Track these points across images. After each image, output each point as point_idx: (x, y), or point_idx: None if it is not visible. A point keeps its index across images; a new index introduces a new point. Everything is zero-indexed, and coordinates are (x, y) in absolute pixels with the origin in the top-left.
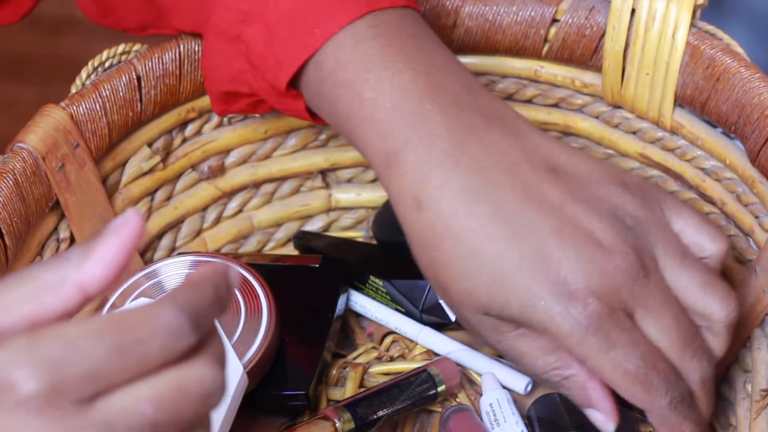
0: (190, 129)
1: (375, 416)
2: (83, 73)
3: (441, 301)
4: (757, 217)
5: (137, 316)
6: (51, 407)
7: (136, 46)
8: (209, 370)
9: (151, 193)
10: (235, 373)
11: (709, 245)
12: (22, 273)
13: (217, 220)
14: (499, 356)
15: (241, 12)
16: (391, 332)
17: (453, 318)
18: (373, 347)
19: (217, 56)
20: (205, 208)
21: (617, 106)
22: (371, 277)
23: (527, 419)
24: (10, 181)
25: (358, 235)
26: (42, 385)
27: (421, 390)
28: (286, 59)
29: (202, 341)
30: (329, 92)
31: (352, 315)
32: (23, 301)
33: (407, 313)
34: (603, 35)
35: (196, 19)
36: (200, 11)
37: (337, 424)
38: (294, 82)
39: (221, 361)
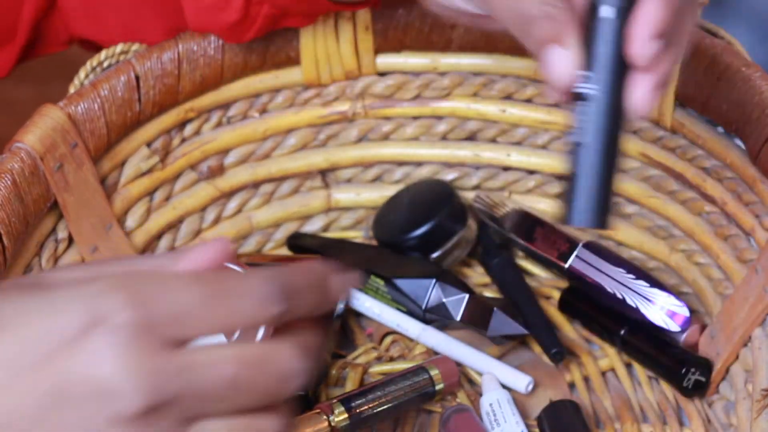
0: (189, 129)
1: (370, 412)
2: (81, 73)
3: (444, 301)
4: (757, 217)
5: (230, 275)
6: (139, 341)
7: (135, 46)
8: (295, 355)
9: (150, 193)
10: None
11: None
12: (117, 258)
13: (216, 221)
14: (500, 357)
15: None
16: (391, 332)
17: (457, 317)
18: (373, 347)
19: None
20: (204, 208)
21: None
22: (372, 277)
23: (538, 424)
24: (8, 181)
25: (358, 235)
26: (133, 317)
27: (418, 387)
28: None
29: (293, 327)
30: None
31: (352, 315)
32: (114, 270)
33: (409, 313)
34: None
35: None
36: None
37: (331, 419)
38: None
39: (308, 354)
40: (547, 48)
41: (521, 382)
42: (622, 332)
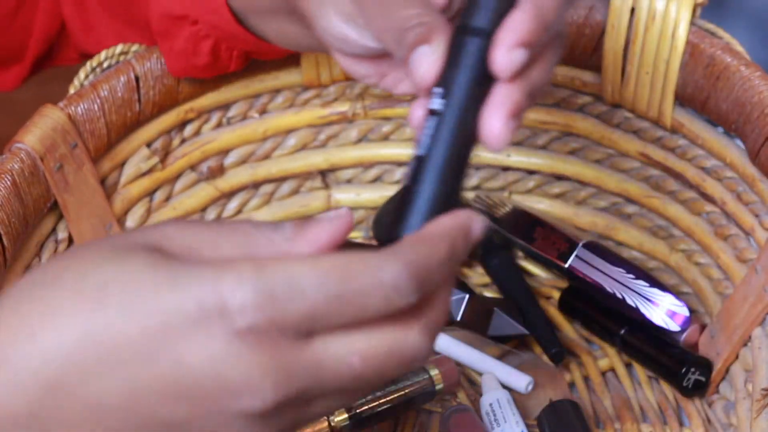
0: (189, 129)
1: (370, 411)
2: (81, 74)
3: None
4: (757, 216)
5: (361, 266)
6: (265, 341)
7: (134, 47)
8: (422, 340)
9: (150, 193)
10: None
11: None
12: (236, 226)
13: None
14: (500, 357)
15: None
16: None
17: (457, 317)
18: None
19: None
20: (204, 209)
21: (617, 106)
22: None
23: (538, 424)
24: (8, 182)
25: (358, 235)
26: (261, 319)
27: (418, 387)
28: None
29: (424, 301)
30: None
31: None
32: (229, 246)
33: None
34: (603, 34)
35: None
36: None
37: (331, 419)
38: None
39: (437, 329)
40: (416, 49)
41: (521, 382)
42: (622, 332)
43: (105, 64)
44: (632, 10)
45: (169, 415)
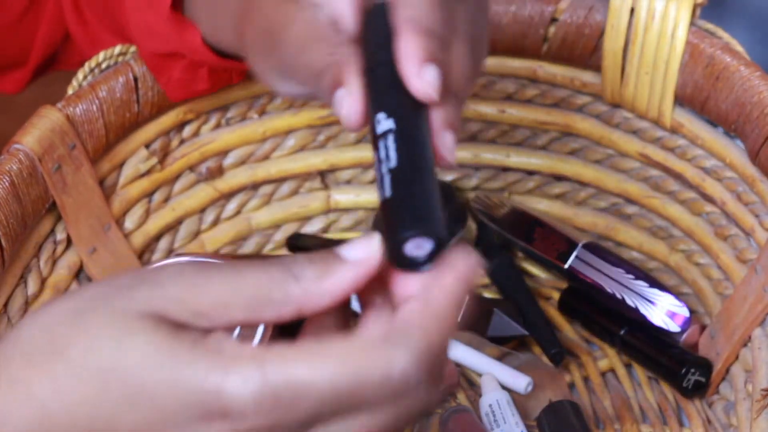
0: (188, 130)
1: None
2: (80, 75)
3: None
4: (757, 216)
5: (370, 364)
6: None
7: (133, 48)
8: (428, 396)
9: (149, 194)
10: None
11: None
12: (243, 270)
13: (216, 222)
14: (500, 358)
15: None
16: None
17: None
18: None
19: (133, 11)
20: (203, 210)
21: (617, 106)
22: None
23: (538, 424)
24: (6, 183)
25: (358, 236)
26: (263, 423)
27: None
28: None
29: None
30: None
31: (352, 316)
32: (241, 306)
33: None
34: (602, 34)
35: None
36: None
37: None
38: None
39: (441, 380)
40: (335, 92)
41: (521, 382)
42: (622, 333)
43: (103, 65)
44: (632, 11)
45: None
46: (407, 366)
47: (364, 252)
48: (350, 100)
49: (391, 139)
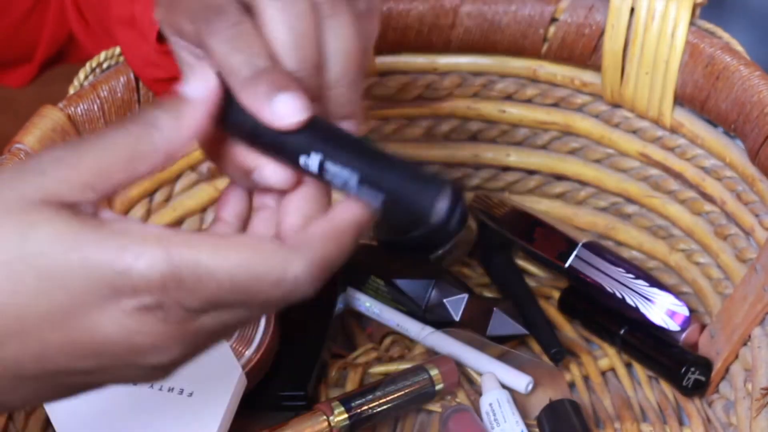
0: None
1: (369, 411)
2: (81, 74)
3: (444, 301)
4: (757, 216)
5: (268, 262)
6: (170, 315)
7: None
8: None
9: (150, 194)
10: (233, 374)
11: None
12: (111, 136)
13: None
14: (500, 357)
15: None
16: (391, 332)
17: (457, 317)
18: (373, 347)
19: (127, 45)
20: (204, 209)
21: (617, 105)
22: (372, 277)
23: (538, 424)
24: None
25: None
26: (167, 299)
27: (418, 387)
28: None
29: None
30: None
31: (351, 315)
32: (118, 169)
33: (409, 313)
34: (602, 34)
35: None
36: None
37: (331, 419)
38: None
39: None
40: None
41: (521, 381)
42: (622, 332)
43: (105, 65)
44: (632, 10)
45: (82, 367)
46: (300, 273)
47: (204, 85)
48: (271, 174)
49: (330, 164)
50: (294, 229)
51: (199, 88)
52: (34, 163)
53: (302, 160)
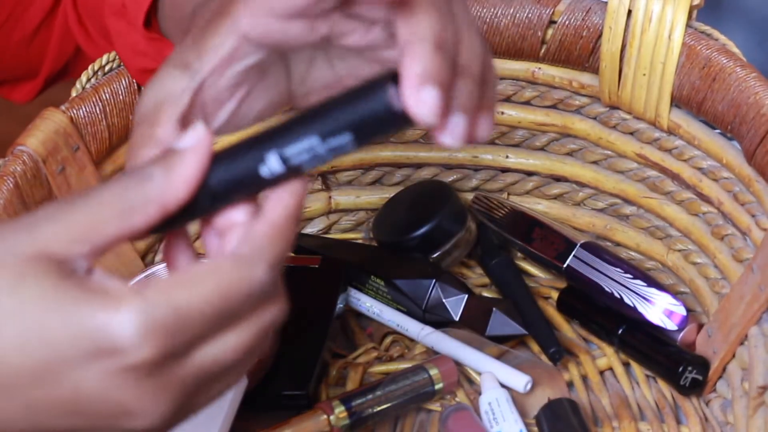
0: None
1: (370, 411)
2: (83, 77)
3: (443, 301)
4: (753, 216)
5: (236, 278)
6: (155, 370)
7: None
8: (281, 304)
9: None
10: None
11: None
12: (104, 191)
13: None
14: (499, 357)
15: None
16: (391, 332)
17: (456, 317)
18: (373, 347)
19: (118, 34)
20: None
21: (614, 107)
22: (372, 277)
23: (537, 423)
24: (11, 184)
25: (358, 236)
26: (149, 353)
27: (418, 387)
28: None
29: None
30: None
31: (352, 315)
32: (111, 221)
33: (409, 313)
34: (600, 36)
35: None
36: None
37: (331, 418)
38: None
39: (282, 287)
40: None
41: (520, 381)
42: (620, 331)
43: (106, 68)
44: (629, 13)
45: (70, 424)
46: (264, 276)
47: (196, 138)
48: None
49: (288, 149)
50: (239, 242)
51: (191, 140)
52: (29, 219)
53: (263, 170)
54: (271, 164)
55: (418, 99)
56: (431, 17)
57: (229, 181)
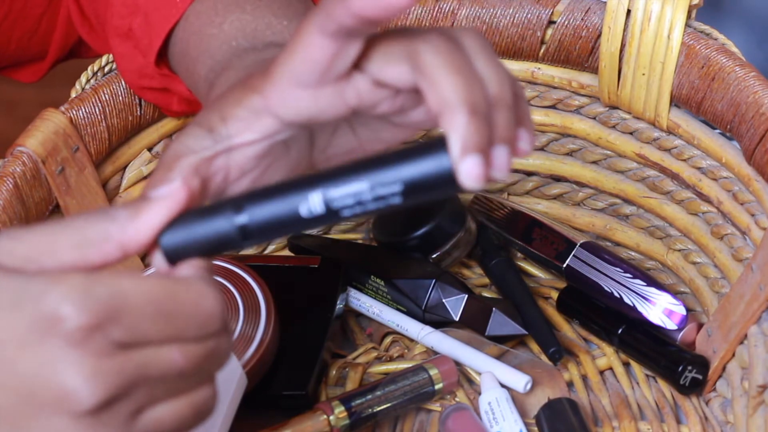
0: None
1: (369, 411)
2: (83, 78)
3: (443, 301)
4: (753, 215)
5: (187, 292)
6: (90, 342)
7: None
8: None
9: None
10: (234, 373)
11: None
12: (68, 222)
13: None
14: (499, 357)
15: (127, 6)
16: (391, 332)
17: (456, 317)
18: (373, 347)
19: (122, 56)
20: None
21: (614, 107)
22: (372, 277)
23: (537, 422)
24: (10, 185)
25: (358, 237)
26: (87, 321)
27: (417, 387)
28: (155, 33)
29: None
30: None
31: (352, 315)
32: (67, 250)
33: (409, 313)
34: (599, 36)
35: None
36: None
37: (331, 418)
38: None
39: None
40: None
41: (520, 381)
42: (620, 331)
43: (106, 69)
44: (628, 12)
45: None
46: (215, 304)
47: (169, 190)
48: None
49: (333, 191)
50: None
51: (164, 192)
52: None
53: (303, 209)
54: (313, 204)
55: (464, 169)
56: (451, 75)
57: (265, 218)
